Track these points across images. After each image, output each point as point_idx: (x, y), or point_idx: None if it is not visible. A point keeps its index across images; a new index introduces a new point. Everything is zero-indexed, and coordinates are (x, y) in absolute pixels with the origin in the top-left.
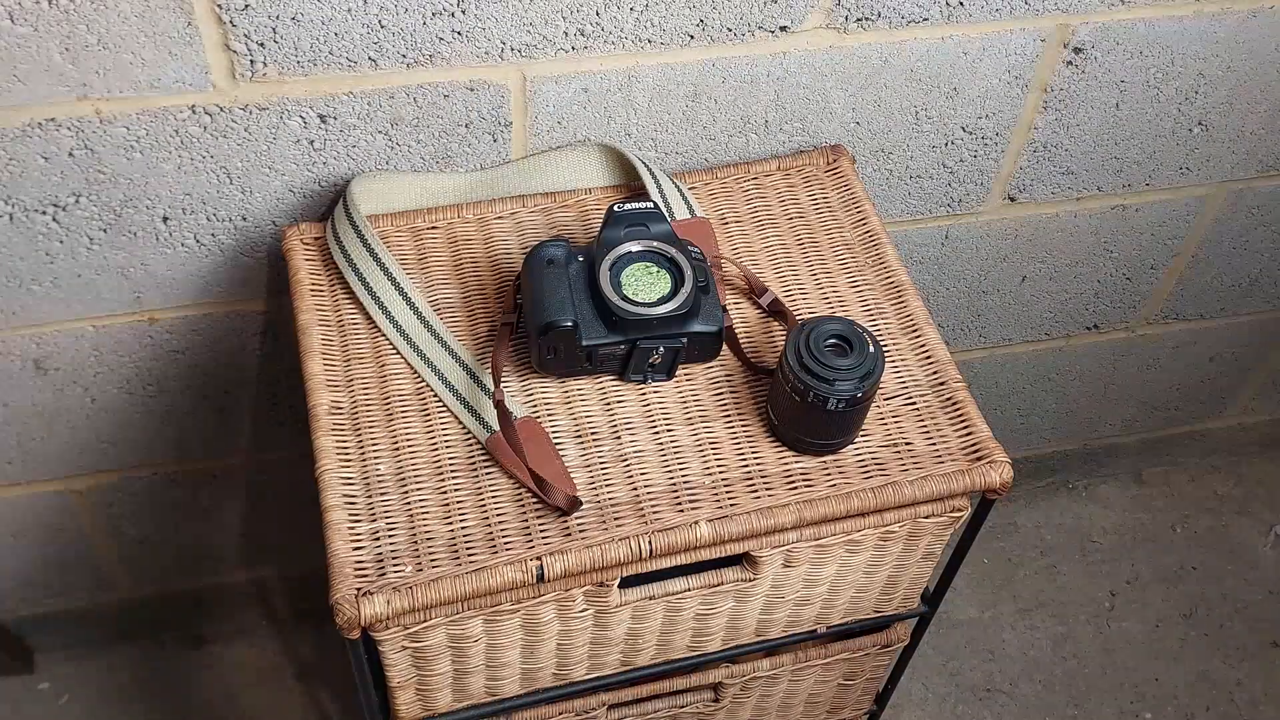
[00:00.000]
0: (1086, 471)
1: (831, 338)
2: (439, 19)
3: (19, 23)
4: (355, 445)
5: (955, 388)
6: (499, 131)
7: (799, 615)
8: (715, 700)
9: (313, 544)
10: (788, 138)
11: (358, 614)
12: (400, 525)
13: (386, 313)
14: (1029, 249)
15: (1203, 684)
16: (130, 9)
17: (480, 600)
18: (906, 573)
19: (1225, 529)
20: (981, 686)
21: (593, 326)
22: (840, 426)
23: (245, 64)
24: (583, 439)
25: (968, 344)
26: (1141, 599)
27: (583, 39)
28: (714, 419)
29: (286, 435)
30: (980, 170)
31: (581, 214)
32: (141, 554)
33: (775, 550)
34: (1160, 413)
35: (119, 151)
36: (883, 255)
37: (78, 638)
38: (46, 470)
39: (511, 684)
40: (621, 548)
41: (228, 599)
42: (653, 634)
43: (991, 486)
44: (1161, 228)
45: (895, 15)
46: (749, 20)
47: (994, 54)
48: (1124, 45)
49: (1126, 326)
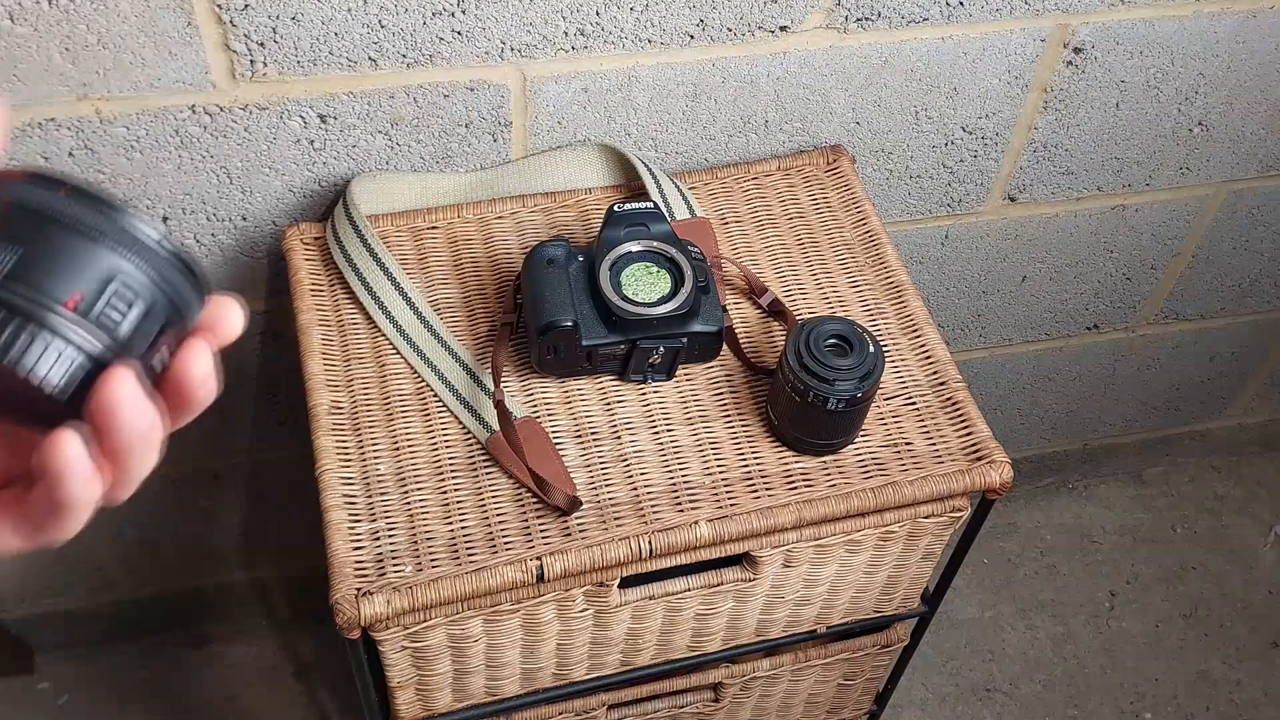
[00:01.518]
0: (1086, 471)
1: (831, 338)
2: (439, 19)
3: (19, 23)
4: (355, 445)
5: (955, 388)
6: (499, 131)
7: (799, 615)
8: (715, 700)
9: (313, 544)
10: (788, 138)
11: (358, 614)
12: (400, 525)
13: (386, 313)
14: (1029, 249)
15: (1203, 684)
16: (130, 9)
17: (480, 600)
18: (906, 573)
19: (1225, 529)
20: (981, 686)
21: (593, 326)
22: (840, 426)
23: (245, 64)
24: (583, 439)
25: (968, 344)
26: (1141, 599)
27: (583, 39)
28: (714, 419)
29: (286, 435)
30: (980, 170)
31: (581, 214)
32: (141, 554)
33: (775, 550)
34: (1160, 413)
35: (119, 151)
36: (883, 255)
37: (78, 638)
38: None
39: (511, 684)
40: (621, 548)
41: (228, 599)
42: (653, 634)
43: (991, 486)
44: (1161, 228)
45: (895, 15)
46: (749, 20)
47: (994, 54)
48: (1124, 45)
49: (1126, 326)
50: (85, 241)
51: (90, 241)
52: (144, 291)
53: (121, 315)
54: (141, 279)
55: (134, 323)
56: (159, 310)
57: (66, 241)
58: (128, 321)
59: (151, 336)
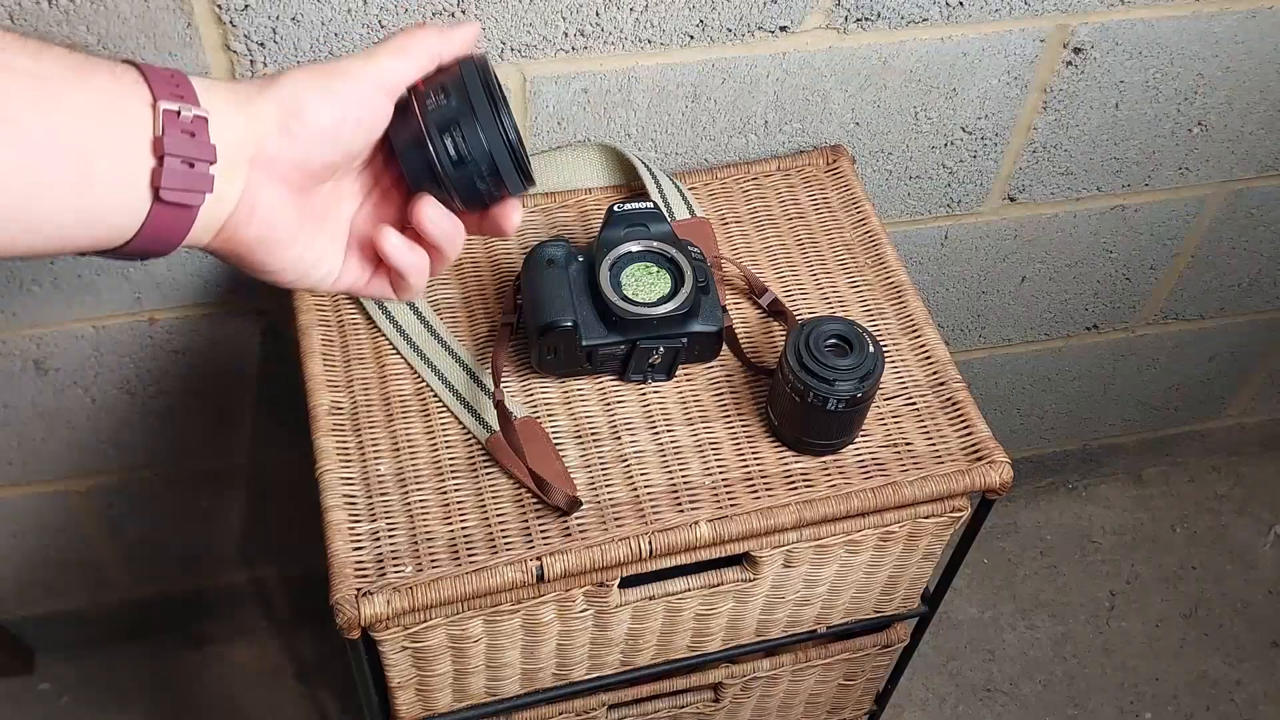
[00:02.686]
0: (1086, 471)
1: (831, 338)
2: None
3: (19, 23)
4: (355, 445)
5: (955, 388)
6: None
7: (799, 615)
8: (715, 700)
9: (313, 544)
10: (788, 138)
11: (358, 614)
12: (400, 525)
13: (386, 313)
14: (1029, 249)
15: (1203, 684)
16: (130, 10)
17: (480, 600)
18: (906, 573)
19: (1225, 529)
20: (981, 686)
21: (593, 326)
22: (840, 426)
23: (245, 64)
24: (583, 439)
25: (968, 344)
26: (1141, 599)
27: (582, 39)
28: (714, 419)
29: (286, 435)
30: (980, 170)
31: (581, 214)
32: (141, 554)
33: (775, 550)
34: (1160, 413)
35: None
36: (883, 255)
37: (78, 638)
38: (46, 470)
39: (511, 684)
40: (621, 548)
41: (228, 599)
42: (653, 634)
43: (991, 486)
44: (1161, 228)
45: (895, 15)
46: (749, 20)
47: (994, 54)
48: (1124, 45)
49: (1126, 326)
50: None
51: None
52: (486, 158)
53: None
54: (499, 153)
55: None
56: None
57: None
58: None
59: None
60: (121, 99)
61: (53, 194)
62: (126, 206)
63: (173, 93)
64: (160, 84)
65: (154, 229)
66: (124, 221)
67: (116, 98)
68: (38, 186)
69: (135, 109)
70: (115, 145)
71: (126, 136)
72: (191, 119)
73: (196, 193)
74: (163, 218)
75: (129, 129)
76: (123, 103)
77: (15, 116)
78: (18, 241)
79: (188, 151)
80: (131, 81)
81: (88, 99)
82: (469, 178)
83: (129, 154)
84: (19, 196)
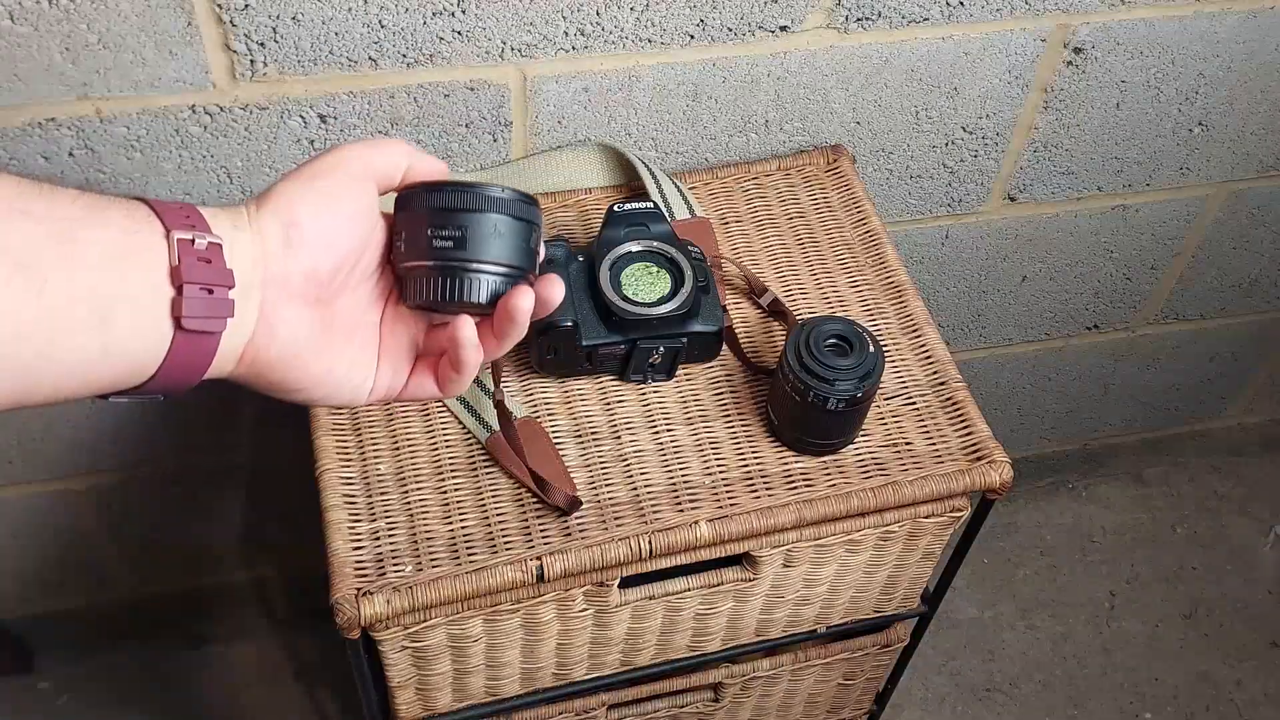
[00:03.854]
0: (1086, 471)
1: (831, 338)
2: (439, 18)
3: (19, 22)
4: (355, 445)
5: (955, 388)
6: (499, 131)
7: (799, 615)
8: (715, 700)
9: (313, 544)
10: (788, 138)
11: (358, 614)
12: (400, 525)
13: None
14: (1029, 249)
15: (1203, 684)
16: (130, 9)
17: (480, 600)
18: (906, 573)
19: (1225, 529)
20: (981, 686)
21: (593, 326)
22: (840, 426)
23: (245, 64)
24: (583, 439)
25: (968, 344)
26: (1141, 599)
27: (583, 39)
28: (714, 419)
29: (286, 435)
30: (980, 170)
31: (581, 214)
32: (141, 554)
33: (775, 550)
34: (1160, 413)
35: (119, 151)
36: (883, 255)
37: (78, 638)
38: (46, 470)
39: (511, 684)
40: (621, 548)
41: (228, 599)
42: (653, 634)
43: (991, 486)
44: (1161, 228)
45: (895, 15)
46: (749, 20)
47: (994, 54)
48: (1124, 45)
49: (1126, 326)
50: (481, 214)
51: (481, 213)
52: (515, 235)
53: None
54: (516, 229)
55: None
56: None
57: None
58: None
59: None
60: (136, 233)
61: (74, 339)
62: (149, 339)
63: (184, 222)
64: (171, 215)
65: (176, 360)
66: (146, 356)
67: (131, 232)
68: (59, 332)
69: (150, 241)
70: (134, 279)
71: (145, 267)
72: (206, 246)
73: (218, 319)
74: (185, 348)
75: (146, 261)
76: (138, 237)
77: (35, 262)
78: (36, 389)
79: (206, 278)
80: (144, 216)
81: (104, 236)
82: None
83: (148, 286)
84: (42, 342)
